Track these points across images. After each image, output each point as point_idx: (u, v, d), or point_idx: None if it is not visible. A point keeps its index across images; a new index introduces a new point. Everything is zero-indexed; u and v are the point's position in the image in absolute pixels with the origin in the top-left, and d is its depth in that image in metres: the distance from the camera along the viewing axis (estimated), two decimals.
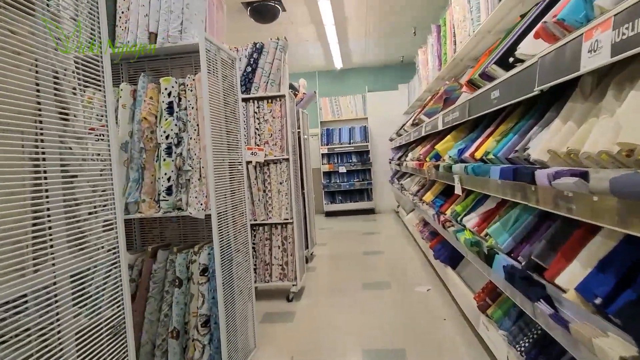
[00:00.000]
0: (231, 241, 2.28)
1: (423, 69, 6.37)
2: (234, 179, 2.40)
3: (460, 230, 2.73)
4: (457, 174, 2.64)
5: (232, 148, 2.43)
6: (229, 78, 2.43)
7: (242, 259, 2.47)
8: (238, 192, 2.47)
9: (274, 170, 3.81)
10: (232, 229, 2.33)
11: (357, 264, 4.92)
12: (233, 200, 2.37)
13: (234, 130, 2.43)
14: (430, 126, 3.95)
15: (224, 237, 2.18)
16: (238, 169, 2.49)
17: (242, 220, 2.50)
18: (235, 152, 2.45)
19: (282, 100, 3.78)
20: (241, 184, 2.51)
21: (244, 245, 2.51)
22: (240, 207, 2.48)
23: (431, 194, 4.17)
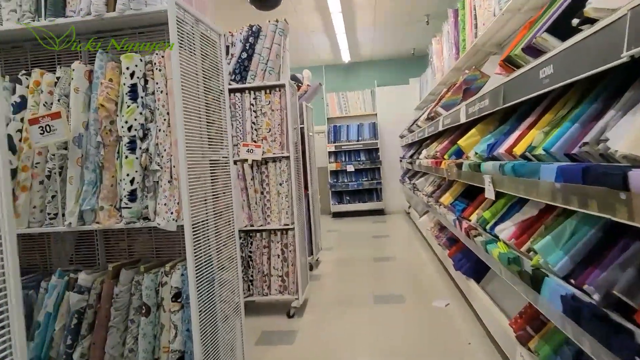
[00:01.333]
0: (213, 257, 1.85)
1: (437, 59, 5.91)
2: (217, 181, 1.98)
3: (491, 242, 2.28)
4: (488, 174, 2.19)
5: (216, 143, 2.00)
6: (212, 58, 2.00)
7: (229, 277, 2.05)
8: (224, 197, 2.04)
9: (272, 170, 3.38)
10: (215, 242, 1.90)
11: (366, 272, 4.48)
12: (216, 207, 1.94)
13: (217, 122, 2.01)
14: (449, 119, 3.50)
15: (202, 253, 1.76)
16: (224, 168, 2.06)
17: (229, 230, 2.07)
18: (219, 148, 2.02)
19: (282, 90, 3.35)
20: (227, 186, 2.08)
21: (230, 261, 2.08)
22: (226, 214, 2.05)
23: (450, 196, 3.71)
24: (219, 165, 1.98)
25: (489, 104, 2.30)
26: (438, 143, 4.40)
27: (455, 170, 3.05)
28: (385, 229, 7.16)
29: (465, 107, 2.88)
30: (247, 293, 3.41)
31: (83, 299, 1.77)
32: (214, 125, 1.95)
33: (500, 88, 2.08)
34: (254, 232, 3.43)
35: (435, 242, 4.58)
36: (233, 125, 3.38)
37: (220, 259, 1.94)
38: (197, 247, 1.72)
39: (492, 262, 2.30)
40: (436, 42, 5.90)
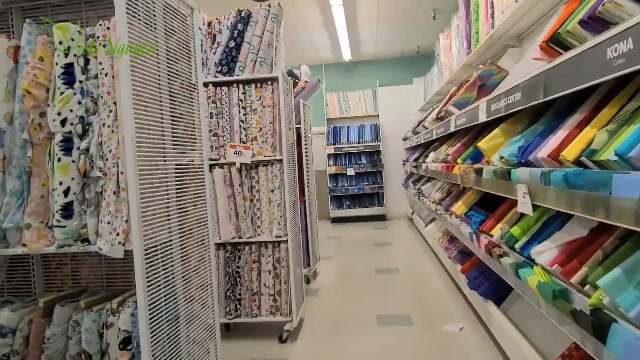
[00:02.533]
0: (177, 288, 1.45)
1: (445, 56, 5.51)
2: (186, 191, 1.57)
3: (523, 266, 1.87)
4: (522, 183, 1.78)
5: (184, 143, 1.60)
6: (181, 36, 1.60)
7: (201, 309, 1.64)
8: (194, 210, 1.63)
9: (263, 175, 2.98)
10: (181, 268, 1.49)
11: (368, 287, 4.07)
12: (184, 223, 1.54)
13: (186, 117, 1.60)
14: (463, 119, 3.10)
15: (160, 284, 1.35)
16: (195, 175, 1.65)
17: (202, 251, 1.67)
18: (190, 150, 1.62)
19: (275, 84, 2.94)
20: (201, 196, 1.68)
21: (203, 290, 1.67)
22: (198, 231, 1.64)
23: (463, 205, 3.30)
24: (188, 171, 1.58)
25: (521, 99, 1.90)
26: (448, 145, 4.00)
27: (473, 176, 2.64)
28: (387, 236, 6.75)
29: (486, 104, 2.48)
30: (234, 314, 3.00)
31: (6, 344, 1.37)
32: (181, 121, 1.55)
33: (540, 77, 1.68)
34: (242, 245, 3.02)
35: (444, 254, 4.17)
36: (219, 123, 2.97)
37: (189, 287, 1.54)
38: (154, 278, 1.32)
39: (525, 289, 1.89)
40: (444, 38, 5.50)
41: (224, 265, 3.02)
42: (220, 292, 3.01)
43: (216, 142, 2.96)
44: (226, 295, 3.01)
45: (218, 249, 3.02)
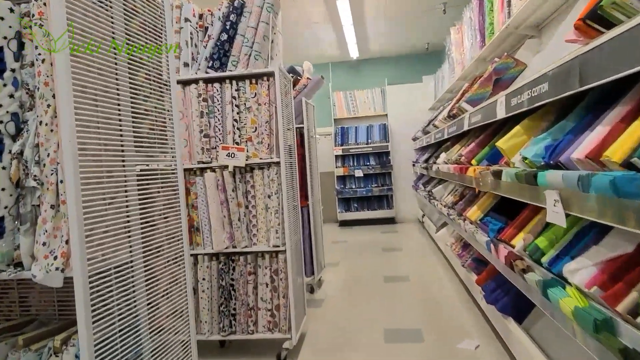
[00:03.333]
0: (140, 320, 1.20)
1: (456, 51, 5.23)
2: (154, 201, 1.33)
3: (553, 284, 1.60)
4: (553, 189, 1.51)
5: (151, 145, 1.35)
6: (147, 17, 1.36)
7: (174, 340, 1.39)
8: (165, 223, 1.39)
9: (259, 179, 2.73)
10: (145, 294, 1.25)
11: (376, 297, 3.80)
12: (151, 240, 1.29)
13: (154, 114, 1.36)
14: (479, 116, 2.82)
15: (114, 317, 1.11)
16: (166, 182, 1.41)
17: (175, 273, 1.42)
18: (159, 153, 1.38)
19: (271, 80, 2.70)
20: (174, 207, 1.43)
21: (176, 317, 1.42)
22: (170, 249, 1.40)
23: (478, 210, 3.03)
24: (156, 177, 1.34)
25: (549, 89, 1.62)
26: (461, 145, 3.73)
27: (490, 179, 2.37)
28: (396, 240, 6.48)
29: (505, 98, 2.21)
30: (229, 330, 2.76)
31: None
32: (146, 120, 1.31)
33: (574, 63, 1.41)
34: (237, 255, 2.77)
35: (457, 262, 3.90)
36: (211, 123, 2.73)
37: (156, 317, 1.29)
38: (106, 309, 1.07)
39: (554, 312, 1.62)
40: (455, 32, 5.22)
41: (217, 278, 2.78)
42: (213, 307, 2.77)
43: (207, 143, 2.72)
44: (220, 310, 2.77)
45: (210, 260, 2.78)
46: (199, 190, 2.73)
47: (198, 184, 2.74)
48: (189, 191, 2.78)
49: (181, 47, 2.74)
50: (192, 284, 2.68)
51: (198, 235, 2.76)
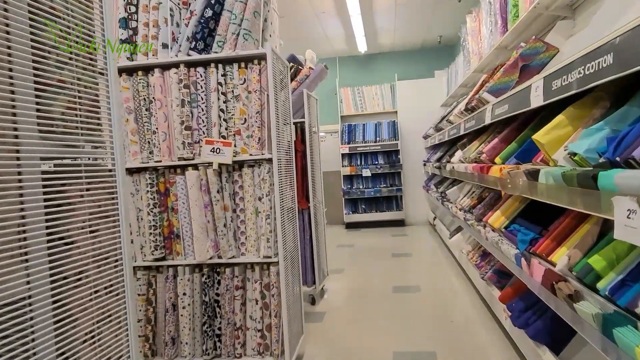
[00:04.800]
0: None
1: (473, 41, 4.82)
2: (75, 209, 0.96)
3: (621, 322, 1.20)
4: (625, 195, 1.11)
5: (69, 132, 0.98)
6: None
7: None
8: (94, 241, 1.01)
9: (248, 178, 2.35)
10: (53, 339, 0.88)
11: (385, 310, 3.41)
12: (68, 264, 0.92)
13: (74, 88, 0.99)
14: (505, 106, 2.42)
15: None
16: (99, 183, 1.04)
17: (109, 305, 1.05)
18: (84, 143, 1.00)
19: (263, 64, 2.32)
20: (108, 217, 1.06)
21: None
22: (99, 275, 1.02)
23: (502, 216, 2.63)
24: (77, 178, 0.97)
25: (614, 63, 1.23)
26: (481, 142, 3.32)
27: (522, 181, 1.97)
28: (406, 244, 6.08)
29: (543, 81, 1.80)
30: (213, 353, 2.39)
31: None
32: (61, 96, 0.94)
33: None
34: (223, 266, 2.40)
35: (474, 272, 3.49)
36: (193, 113, 2.36)
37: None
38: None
39: (620, 355, 1.22)
40: (472, 20, 4.81)
41: (200, 293, 2.41)
42: (195, 326, 2.40)
43: (189, 136, 2.35)
44: (202, 329, 2.40)
45: (192, 272, 2.41)
46: (180, 191, 2.37)
47: (178, 184, 2.37)
48: (169, 192, 2.41)
49: (159, 26, 2.37)
50: (168, 301, 2.30)
51: (178, 243, 2.39)
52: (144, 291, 2.43)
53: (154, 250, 2.37)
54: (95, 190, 1.02)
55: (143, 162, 2.40)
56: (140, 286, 2.42)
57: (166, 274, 2.42)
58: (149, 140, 2.40)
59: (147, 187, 2.39)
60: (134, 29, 2.40)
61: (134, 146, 2.39)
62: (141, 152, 2.41)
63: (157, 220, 2.39)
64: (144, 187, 2.39)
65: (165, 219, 2.41)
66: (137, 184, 2.42)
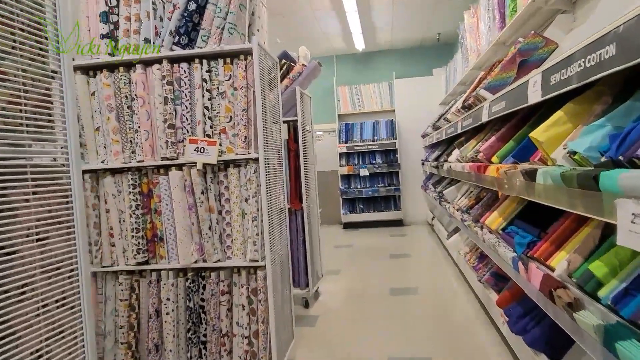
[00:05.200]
0: None
1: (471, 37, 4.72)
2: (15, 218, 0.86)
3: (624, 335, 1.10)
4: (628, 198, 1.01)
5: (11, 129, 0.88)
6: None
7: None
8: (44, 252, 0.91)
9: (234, 179, 2.26)
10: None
11: (381, 314, 3.32)
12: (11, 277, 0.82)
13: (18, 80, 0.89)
14: (503, 103, 2.32)
15: None
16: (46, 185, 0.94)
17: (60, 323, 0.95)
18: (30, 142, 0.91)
19: (249, 59, 2.22)
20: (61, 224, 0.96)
21: None
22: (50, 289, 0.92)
23: (500, 217, 2.53)
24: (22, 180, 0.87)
25: (617, 54, 1.13)
26: (478, 141, 3.23)
27: (519, 181, 1.87)
28: (404, 244, 5.98)
29: (541, 76, 1.71)
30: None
31: None
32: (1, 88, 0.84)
33: None
34: (208, 270, 2.31)
35: (472, 274, 3.40)
36: (177, 111, 2.27)
37: None
38: None
39: None
40: (470, 16, 4.71)
41: (184, 298, 2.32)
42: (179, 332, 2.31)
43: (173, 135, 2.25)
44: (187, 336, 2.30)
45: (177, 276, 2.31)
46: (163, 192, 2.27)
47: (162, 185, 2.27)
48: (152, 193, 2.32)
49: (141, 20, 2.28)
50: (152, 306, 2.21)
51: (162, 246, 2.30)
52: (126, 296, 2.33)
53: (136, 254, 2.27)
54: (45, 193, 0.92)
55: (125, 162, 2.31)
56: (123, 291, 2.33)
57: (149, 278, 2.32)
58: (131, 139, 2.31)
59: (129, 188, 2.29)
60: (114, 23, 2.31)
61: (116, 145, 2.30)
62: (123, 152, 2.31)
63: (139, 223, 2.29)
64: (126, 188, 2.30)
65: (148, 221, 2.32)
66: (119, 185, 2.32)
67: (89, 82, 2.31)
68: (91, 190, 2.31)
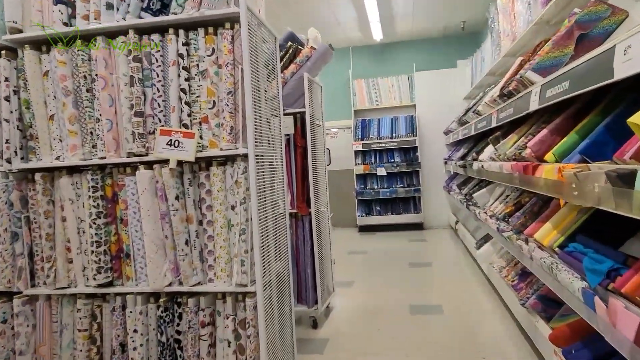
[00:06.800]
0: None
1: (505, 20, 4.17)
2: None
3: None
4: None
5: None
6: None
7: None
8: None
9: (218, 180, 1.78)
10: None
11: (400, 338, 2.82)
12: None
13: None
14: (567, 84, 1.79)
15: None
16: None
17: None
18: None
19: (237, 28, 1.74)
20: None
21: None
22: None
23: (554, 230, 2.01)
24: None
25: None
26: (519, 135, 2.69)
27: (600, 187, 1.35)
28: (425, 251, 5.46)
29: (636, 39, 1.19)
30: None
31: None
32: None
33: None
34: (185, 296, 1.84)
35: (510, 294, 2.87)
36: (146, 94, 1.80)
37: None
38: None
39: None
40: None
41: (156, 330, 1.85)
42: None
43: (142, 125, 1.79)
44: None
45: (147, 302, 1.85)
46: (130, 197, 1.81)
47: (128, 188, 1.81)
48: (117, 198, 1.86)
49: None
50: (115, 339, 1.75)
51: (129, 264, 1.84)
52: (85, 326, 1.88)
53: (97, 274, 1.82)
54: None
55: (84, 159, 1.85)
56: (82, 319, 1.88)
57: (113, 304, 1.87)
58: (91, 131, 1.85)
59: (89, 192, 1.84)
60: None
61: (73, 138, 1.85)
62: (82, 146, 1.86)
63: (102, 235, 1.84)
64: (86, 192, 1.84)
65: (112, 232, 1.86)
66: (78, 187, 1.87)
67: (40, 60, 1.86)
68: (43, 193, 1.86)
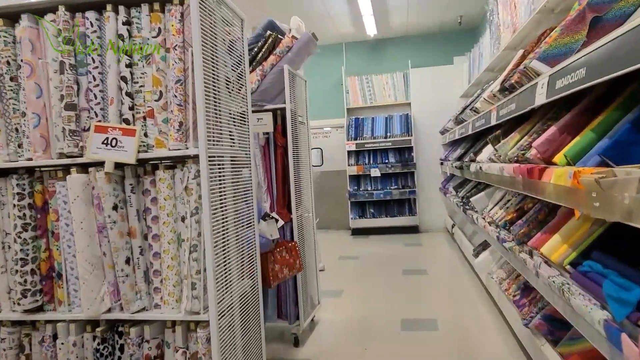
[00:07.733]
0: None
1: (505, 11, 3.89)
2: None
3: None
4: None
5: None
6: None
7: None
8: None
9: (166, 187, 1.49)
10: None
11: (389, 358, 2.53)
12: None
13: None
14: (583, 71, 1.50)
15: None
16: None
17: None
18: None
19: (186, 3, 1.44)
20: None
21: None
22: None
23: (564, 243, 1.72)
24: None
25: None
26: (522, 134, 2.41)
27: (631, 197, 1.06)
28: (420, 256, 5.18)
29: None
30: None
31: None
32: None
33: None
34: (127, 324, 1.54)
35: (511, 309, 2.59)
36: (81, 84, 1.51)
37: None
38: None
39: None
40: None
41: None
42: None
43: (74, 120, 1.49)
44: None
45: (81, 331, 1.55)
46: (61, 205, 1.51)
47: (59, 195, 1.52)
48: (48, 207, 1.56)
49: None
50: None
51: (61, 286, 1.54)
52: (12, 359, 1.58)
53: (21, 298, 1.52)
54: None
55: (9, 160, 1.56)
56: (6, 351, 1.58)
57: (43, 333, 1.57)
58: (16, 127, 1.56)
59: (14, 199, 1.54)
60: None
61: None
62: (7, 145, 1.57)
63: (29, 251, 1.54)
64: (11, 199, 1.55)
65: (42, 248, 1.57)
66: (2, 194, 1.57)
67: None
68: None
